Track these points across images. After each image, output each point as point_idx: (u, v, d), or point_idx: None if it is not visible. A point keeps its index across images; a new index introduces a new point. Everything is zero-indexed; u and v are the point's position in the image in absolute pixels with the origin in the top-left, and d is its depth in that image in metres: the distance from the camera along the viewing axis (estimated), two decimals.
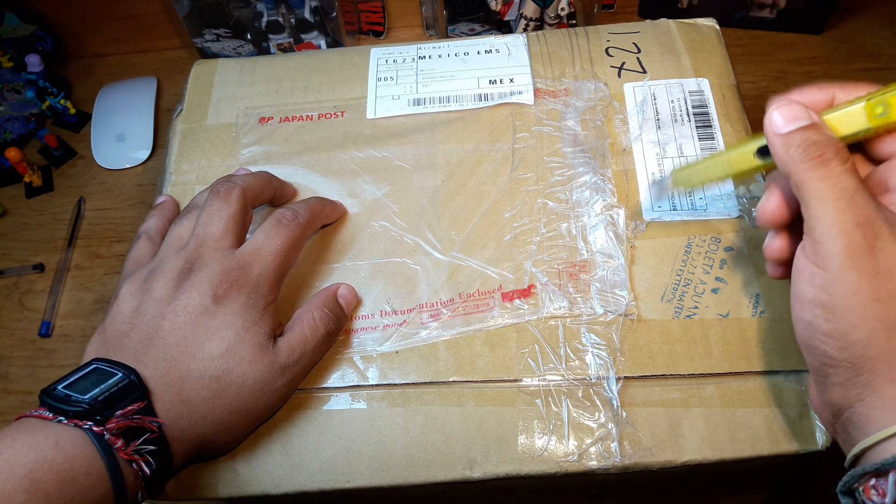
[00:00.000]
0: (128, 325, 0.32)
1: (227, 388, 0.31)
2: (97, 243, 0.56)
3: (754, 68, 0.60)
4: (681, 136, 0.42)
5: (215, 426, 0.31)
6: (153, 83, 0.64)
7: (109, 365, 0.30)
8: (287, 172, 0.42)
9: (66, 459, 0.26)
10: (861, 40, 0.61)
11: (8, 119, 0.61)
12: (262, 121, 0.45)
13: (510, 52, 0.46)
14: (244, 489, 0.34)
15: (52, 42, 0.63)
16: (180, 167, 0.44)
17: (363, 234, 0.40)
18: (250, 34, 0.61)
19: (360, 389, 0.36)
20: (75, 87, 0.65)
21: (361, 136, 0.44)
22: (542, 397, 0.35)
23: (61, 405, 0.28)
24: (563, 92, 0.44)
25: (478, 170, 0.42)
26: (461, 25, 0.61)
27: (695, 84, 0.43)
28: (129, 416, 0.28)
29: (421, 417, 0.35)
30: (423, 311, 0.37)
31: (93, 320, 0.52)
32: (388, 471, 0.34)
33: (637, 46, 0.46)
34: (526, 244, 0.39)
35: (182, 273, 0.33)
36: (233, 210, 0.35)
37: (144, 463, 0.28)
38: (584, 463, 0.33)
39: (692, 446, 0.33)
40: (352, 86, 0.46)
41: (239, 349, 0.32)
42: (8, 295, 0.54)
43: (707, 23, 0.46)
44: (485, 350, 0.36)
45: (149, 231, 0.39)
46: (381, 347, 0.37)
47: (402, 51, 0.48)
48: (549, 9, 0.58)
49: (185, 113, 0.46)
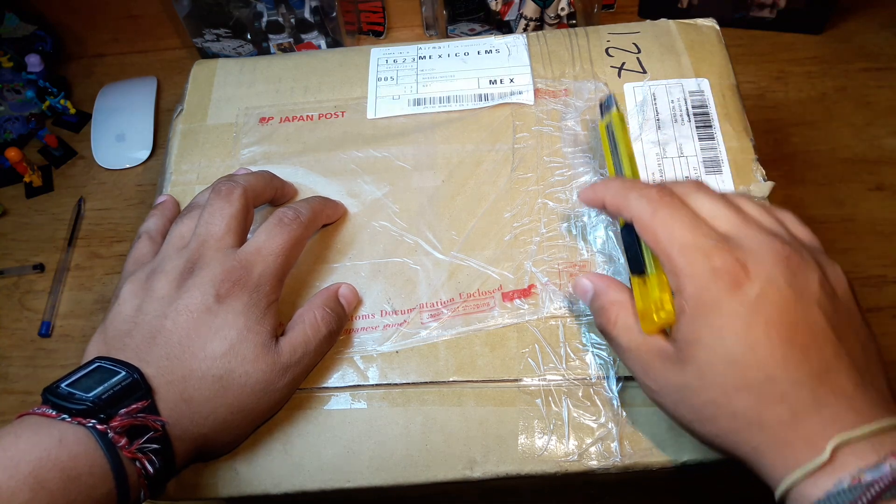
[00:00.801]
0: (130, 324, 0.32)
1: (229, 388, 0.31)
2: (97, 243, 0.56)
3: (754, 68, 0.60)
4: (681, 136, 0.42)
5: (217, 425, 0.31)
6: (153, 83, 0.64)
7: (112, 363, 0.30)
8: (287, 172, 0.42)
9: (70, 457, 0.26)
10: (861, 40, 0.61)
11: (8, 119, 0.61)
12: (262, 121, 0.45)
13: (510, 52, 0.46)
14: (244, 489, 0.34)
15: (52, 42, 0.63)
16: (180, 167, 0.44)
17: (363, 234, 0.40)
18: (250, 34, 0.61)
19: (360, 389, 0.36)
20: (75, 87, 0.65)
21: (361, 136, 0.44)
22: (542, 397, 0.35)
23: (65, 403, 0.28)
24: (563, 92, 0.44)
25: (478, 170, 0.42)
26: (461, 25, 0.61)
27: (695, 84, 0.43)
28: (133, 415, 0.28)
29: (421, 417, 0.35)
30: (423, 311, 0.37)
31: (93, 320, 0.52)
32: (388, 471, 0.34)
33: (637, 46, 0.46)
34: (526, 244, 0.39)
35: (184, 272, 0.33)
36: (234, 209, 0.35)
37: (148, 462, 0.28)
38: (585, 463, 0.33)
39: (692, 446, 0.33)
40: (352, 86, 0.46)
41: (241, 348, 0.32)
42: (8, 295, 0.54)
43: (707, 23, 0.46)
44: (485, 350, 0.36)
45: (149, 231, 0.39)
46: (381, 347, 0.37)
47: (402, 51, 0.48)
48: (549, 9, 0.58)
49: (185, 113, 0.46)
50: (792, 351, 0.27)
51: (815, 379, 0.27)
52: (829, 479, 0.25)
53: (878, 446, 0.25)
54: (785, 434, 0.27)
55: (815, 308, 0.28)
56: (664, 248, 0.30)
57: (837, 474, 0.25)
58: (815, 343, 0.27)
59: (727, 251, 0.29)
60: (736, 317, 0.27)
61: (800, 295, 0.28)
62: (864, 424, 0.26)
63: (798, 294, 0.28)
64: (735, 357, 0.27)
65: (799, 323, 0.27)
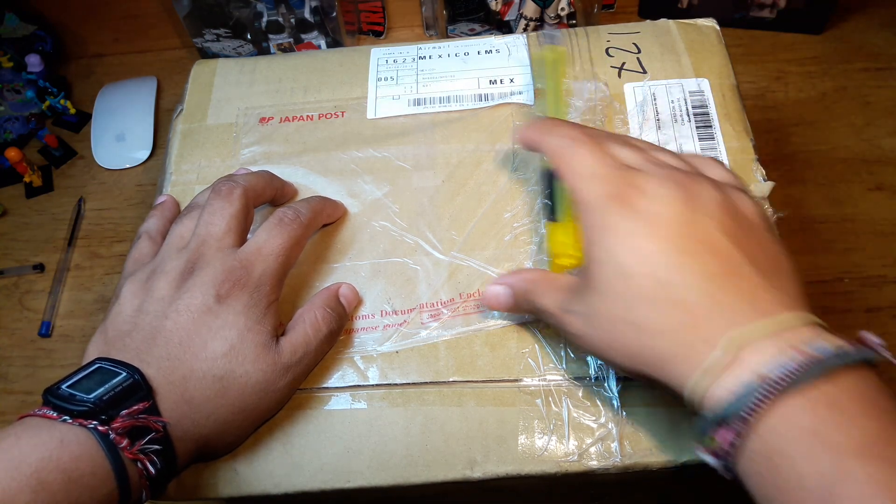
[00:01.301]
0: (130, 324, 0.32)
1: (230, 388, 0.31)
2: (97, 243, 0.56)
3: (754, 68, 0.60)
4: (681, 136, 0.42)
5: (218, 426, 0.31)
6: (153, 83, 0.64)
7: (113, 364, 0.30)
8: (287, 172, 0.42)
9: (72, 459, 0.26)
10: (861, 40, 0.61)
11: (8, 119, 0.61)
12: (263, 121, 0.45)
13: (510, 52, 0.46)
14: (244, 489, 0.34)
15: (52, 42, 0.63)
16: (180, 167, 0.44)
17: (363, 234, 0.40)
18: (250, 34, 0.61)
19: (360, 389, 0.36)
20: (75, 87, 0.65)
21: (361, 136, 0.44)
22: (542, 397, 0.35)
23: (66, 404, 0.28)
24: (563, 92, 0.44)
25: (478, 170, 0.42)
26: (461, 25, 0.61)
27: (695, 84, 0.43)
28: (135, 416, 0.28)
29: (421, 417, 0.35)
30: (423, 311, 0.37)
31: (93, 320, 0.52)
32: (388, 471, 0.34)
33: (637, 46, 0.46)
34: (526, 244, 0.39)
35: (184, 272, 0.33)
36: (234, 209, 0.35)
37: (149, 462, 0.28)
38: (585, 463, 0.33)
39: (692, 446, 0.33)
40: (352, 86, 0.46)
41: (242, 348, 0.32)
42: (8, 295, 0.54)
43: (707, 23, 0.46)
44: (485, 350, 0.36)
45: (149, 231, 0.39)
46: (381, 347, 0.37)
47: (402, 51, 0.48)
48: (549, 9, 0.58)
49: (185, 113, 0.46)
50: (683, 257, 0.27)
51: (711, 282, 0.27)
52: (734, 378, 0.25)
53: (782, 342, 0.25)
54: (685, 337, 0.26)
55: (709, 220, 0.28)
56: (569, 179, 0.31)
57: (741, 373, 0.25)
58: (710, 250, 0.27)
59: (624, 177, 0.29)
60: (628, 233, 0.28)
61: (693, 211, 0.28)
62: (762, 320, 0.26)
63: (692, 210, 0.28)
64: (629, 269, 0.28)
65: (692, 234, 0.28)
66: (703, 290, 0.26)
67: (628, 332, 0.28)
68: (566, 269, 0.33)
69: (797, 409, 0.24)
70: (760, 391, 0.24)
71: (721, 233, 0.28)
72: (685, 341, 0.26)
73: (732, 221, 0.28)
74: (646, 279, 0.27)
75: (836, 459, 0.23)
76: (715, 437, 0.26)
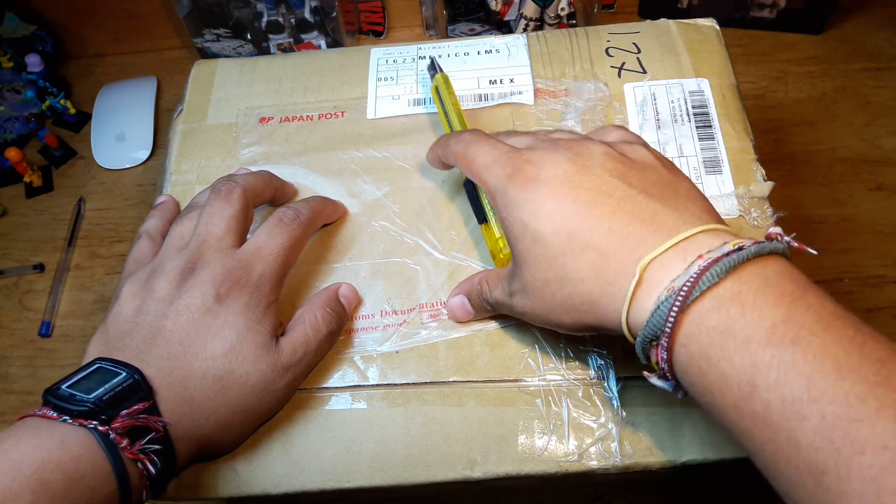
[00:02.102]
0: (130, 324, 0.32)
1: (230, 388, 0.31)
2: (97, 243, 0.56)
3: (754, 68, 0.60)
4: (681, 136, 0.42)
5: (218, 426, 0.31)
6: (153, 83, 0.64)
7: (113, 364, 0.30)
8: (287, 172, 0.42)
9: (72, 459, 0.26)
10: (861, 40, 0.61)
11: (8, 119, 0.61)
12: (263, 121, 0.45)
13: (510, 52, 0.46)
14: (244, 489, 0.34)
15: (52, 42, 0.63)
16: (180, 167, 0.44)
17: (363, 234, 0.40)
18: (250, 34, 0.61)
19: (360, 389, 0.36)
20: (75, 87, 0.66)
21: (361, 137, 0.44)
22: (542, 397, 0.35)
23: (66, 405, 0.28)
24: (563, 92, 0.44)
25: None
26: (461, 25, 0.61)
27: (695, 84, 0.43)
28: (135, 416, 0.28)
29: (421, 417, 0.35)
30: (423, 311, 0.37)
31: (93, 320, 0.52)
32: (388, 471, 0.34)
33: (637, 46, 0.46)
34: None
35: (184, 272, 0.33)
36: (234, 209, 0.35)
37: (149, 462, 0.28)
38: (585, 463, 0.33)
39: (692, 446, 0.33)
40: (352, 86, 0.46)
41: (241, 348, 0.32)
42: (8, 295, 0.54)
43: (707, 23, 0.46)
44: (485, 350, 0.36)
45: (149, 231, 0.39)
46: (381, 347, 0.37)
47: (402, 51, 0.48)
48: (549, 9, 0.58)
49: (185, 113, 0.46)
50: (581, 205, 0.29)
51: (611, 219, 0.28)
52: (648, 298, 0.26)
53: (686, 254, 0.26)
54: (604, 275, 0.28)
55: (598, 169, 0.29)
56: (475, 174, 0.33)
57: (654, 291, 0.26)
58: (604, 193, 0.29)
59: (518, 156, 0.32)
60: (531, 202, 0.30)
61: (581, 165, 0.30)
62: (667, 240, 0.27)
63: (580, 165, 0.30)
64: (540, 232, 0.29)
65: (584, 184, 0.29)
66: (605, 229, 0.28)
67: (559, 291, 0.29)
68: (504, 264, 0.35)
69: (707, 312, 0.25)
70: (671, 302, 0.25)
71: (611, 176, 0.29)
72: (604, 279, 0.28)
73: (621, 165, 0.30)
74: (556, 236, 0.29)
75: (749, 352, 0.24)
76: (652, 359, 0.27)
